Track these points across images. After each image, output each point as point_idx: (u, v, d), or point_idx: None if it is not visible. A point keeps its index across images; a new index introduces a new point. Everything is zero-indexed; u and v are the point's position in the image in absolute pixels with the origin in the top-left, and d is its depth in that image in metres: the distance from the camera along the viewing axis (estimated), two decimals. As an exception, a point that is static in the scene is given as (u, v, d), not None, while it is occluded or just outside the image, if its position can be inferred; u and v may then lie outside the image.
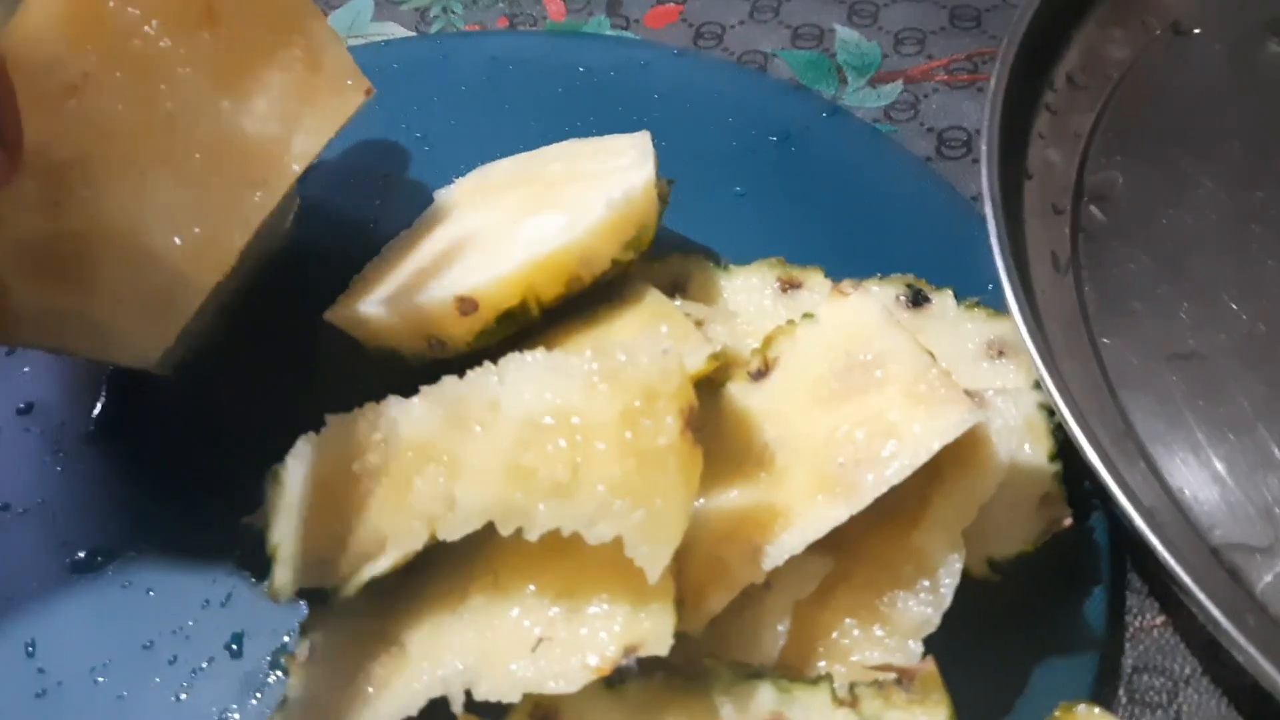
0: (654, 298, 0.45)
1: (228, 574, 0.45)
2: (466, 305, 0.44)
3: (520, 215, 0.48)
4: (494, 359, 0.40)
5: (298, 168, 0.44)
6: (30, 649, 0.44)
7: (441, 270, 0.46)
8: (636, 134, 0.51)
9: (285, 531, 0.42)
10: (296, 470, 0.43)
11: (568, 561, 0.37)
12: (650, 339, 0.36)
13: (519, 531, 0.36)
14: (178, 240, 0.43)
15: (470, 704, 0.37)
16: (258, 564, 0.43)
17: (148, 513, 0.48)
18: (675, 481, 0.35)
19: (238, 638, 0.44)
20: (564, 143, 0.53)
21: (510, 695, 0.36)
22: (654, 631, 0.35)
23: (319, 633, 0.41)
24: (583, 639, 0.36)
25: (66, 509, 0.48)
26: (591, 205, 0.46)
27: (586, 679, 0.35)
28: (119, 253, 0.42)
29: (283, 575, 0.41)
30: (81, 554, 0.46)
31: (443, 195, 0.54)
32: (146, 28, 0.43)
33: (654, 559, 0.34)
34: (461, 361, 0.43)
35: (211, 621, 0.44)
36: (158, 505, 0.48)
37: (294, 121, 0.45)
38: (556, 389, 0.37)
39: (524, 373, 0.38)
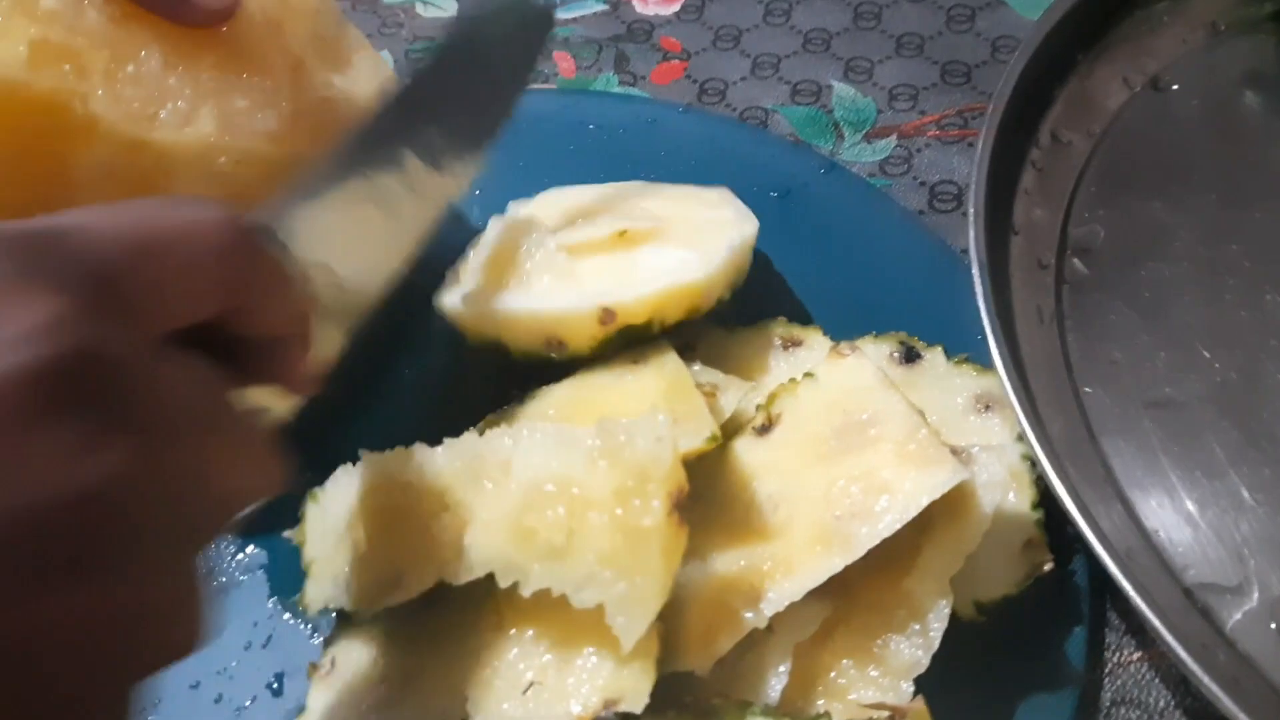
0: (674, 365, 0.48)
1: (268, 617, 0.49)
2: (607, 316, 0.48)
3: (637, 243, 0.52)
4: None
5: None
6: (85, 689, 0.47)
7: (573, 279, 0.50)
8: (720, 188, 0.56)
9: (318, 551, 0.46)
10: (333, 496, 0.46)
11: (566, 612, 0.40)
12: (649, 423, 0.39)
13: (515, 585, 0.40)
14: None
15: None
16: (294, 577, 0.47)
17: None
18: (656, 561, 0.38)
19: (278, 677, 0.47)
20: (635, 183, 0.58)
21: None
22: (633, 689, 0.38)
23: (341, 648, 0.45)
24: (569, 687, 0.40)
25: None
26: (716, 247, 0.50)
27: None
28: None
29: (313, 591, 0.45)
30: (130, 598, 0.50)
31: (519, 207, 0.57)
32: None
33: (629, 630, 0.38)
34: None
35: (253, 662, 0.47)
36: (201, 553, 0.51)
37: None
38: (561, 459, 0.40)
39: (535, 440, 0.41)
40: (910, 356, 0.50)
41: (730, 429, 0.47)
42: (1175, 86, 0.65)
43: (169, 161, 0.45)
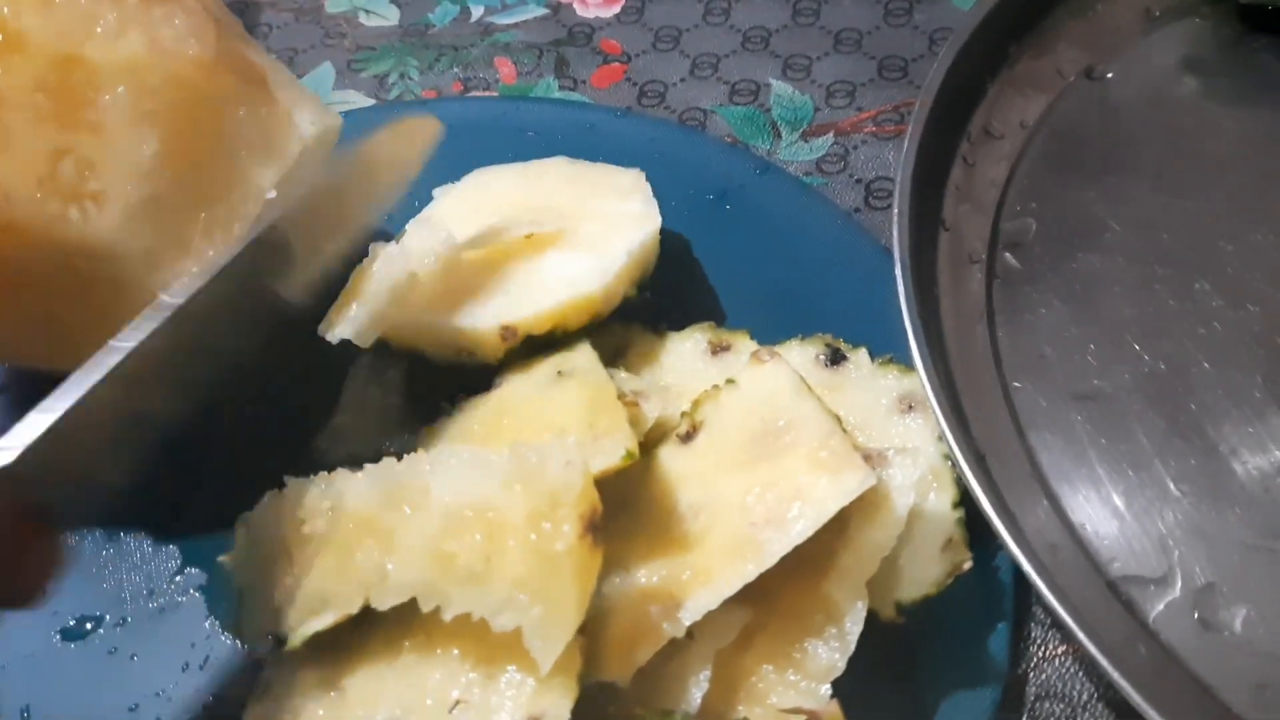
0: (598, 377, 0.48)
1: (205, 639, 0.49)
2: (508, 333, 0.50)
3: (544, 246, 0.53)
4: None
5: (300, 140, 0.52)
6: (26, 714, 0.48)
7: (477, 291, 0.52)
8: (633, 171, 0.57)
9: (249, 577, 0.46)
10: (261, 523, 0.47)
11: (490, 631, 0.40)
12: (559, 447, 0.40)
13: (437, 609, 0.40)
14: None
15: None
16: (232, 599, 0.47)
17: (130, 582, 0.51)
18: (569, 584, 0.38)
19: (215, 699, 0.47)
20: (559, 160, 0.59)
21: None
22: (554, 706, 0.39)
23: (275, 670, 0.45)
24: (492, 705, 0.40)
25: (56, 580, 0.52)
26: (615, 251, 0.52)
27: None
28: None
29: (246, 617, 0.46)
30: (71, 622, 0.50)
31: (442, 193, 0.58)
32: None
33: (545, 652, 0.38)
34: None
35: (190, 684, 0.48)
36: (139, 575, 0.52)
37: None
38: (477, 484, 0.41)
39: (451, 465, 0.42)
40: (835, 359, 0.51)
41: (655, 436, 0.47)
42: (1110, 75, 0.64)
43: (100, 78, 0.45)
